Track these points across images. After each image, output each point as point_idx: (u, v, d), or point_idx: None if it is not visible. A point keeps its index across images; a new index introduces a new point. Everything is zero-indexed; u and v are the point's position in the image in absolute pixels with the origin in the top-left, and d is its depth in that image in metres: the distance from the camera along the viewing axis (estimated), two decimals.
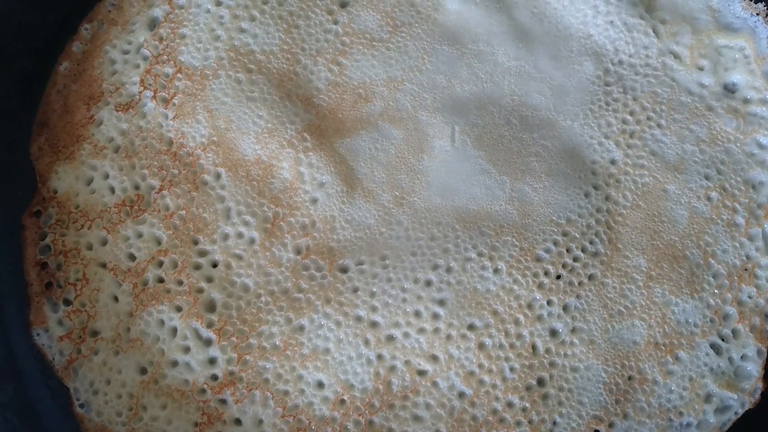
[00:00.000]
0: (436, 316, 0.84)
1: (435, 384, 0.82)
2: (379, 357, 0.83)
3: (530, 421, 0.82)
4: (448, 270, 0.85)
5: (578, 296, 0.85)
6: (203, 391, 0.81)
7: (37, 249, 0.87)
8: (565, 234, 0.87)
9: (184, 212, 0.85)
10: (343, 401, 0.81)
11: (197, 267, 0.84)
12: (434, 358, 0.83)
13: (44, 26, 0.91)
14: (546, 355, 0.84)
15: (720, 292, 0.86)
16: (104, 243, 0.85)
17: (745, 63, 0.90)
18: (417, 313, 0.84)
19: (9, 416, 0.83)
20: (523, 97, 0.88)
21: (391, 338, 0.83)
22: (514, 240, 0.86)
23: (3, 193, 0.88)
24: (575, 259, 0.86)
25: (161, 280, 0.84)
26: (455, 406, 0.82)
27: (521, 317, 0.85)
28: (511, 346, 0.84)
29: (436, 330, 0.84)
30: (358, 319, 0.84)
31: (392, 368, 0.82)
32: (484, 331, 0.84)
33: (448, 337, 0.84)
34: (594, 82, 0.89)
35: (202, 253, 0.84)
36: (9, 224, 0.88)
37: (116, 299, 0.84)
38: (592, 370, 0.83)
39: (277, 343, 0.82)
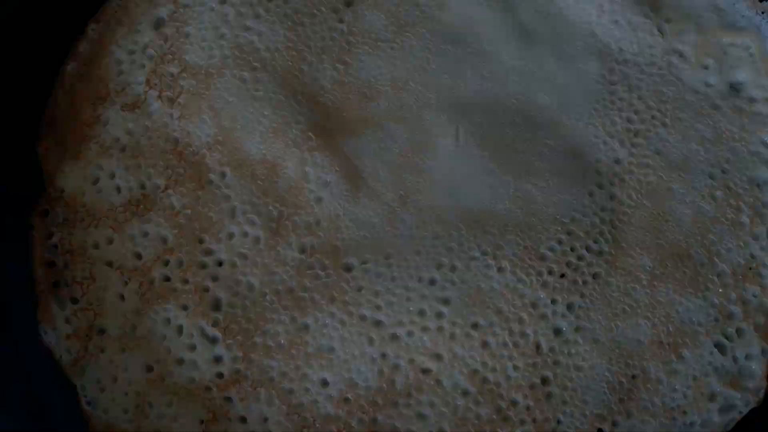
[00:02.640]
0: (440, 315, 0.84)
1: (439, 382, 0.82)
2: (383, 355, 0.83)
3: (534, 420, 0.83)
4: (452, 269, 0.86)
5: (582, 295, 0.85)
6: (209, 389, 0.82)
7: (45, 248, 0.88)
8: (569, 233, 0.87)
9: (189, 211, 0.85)
10: (347, 399, 0.82)
11: (203, 266, 0.84)
12: (438, 357, 0.83)
13: (51, 27, 0.91)
14: (550, 354, 0.84)
15: (724, 291, 0.85)
16: (111, 242, 0.85)
17: (750, 62, 0.90)
18: (421, 312, 0.85)
19: (17, 414, 0.84)
20: (528, 97, 0.88)
21: (395, 337, 0.84)
22: (518, 239, 0.86)
23: (11, 193, 0.89)
24: (579, 258, 0.86)
25: (167, 279, 0.84)
26: (459, 405, 0.82)
27: (525, 316, 0.85)
28: (515, 344, 0.84)
29: (440, 328, 0.84)
30: (363, 317, 0.84)
31: (396, 366, 0.83)
32: (488, 329, 0.84)
33: (452, 335, 0.84)
34: (599, 81, 0.89)
35: (208, 252, 0.84)
36: (17, 223, 0.88)
37: (123, 298, 0.84)
38: (596, 368, 0.83)
39: (282, 341, 0.82)
